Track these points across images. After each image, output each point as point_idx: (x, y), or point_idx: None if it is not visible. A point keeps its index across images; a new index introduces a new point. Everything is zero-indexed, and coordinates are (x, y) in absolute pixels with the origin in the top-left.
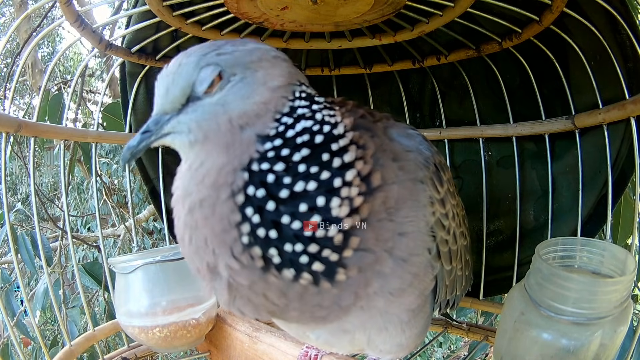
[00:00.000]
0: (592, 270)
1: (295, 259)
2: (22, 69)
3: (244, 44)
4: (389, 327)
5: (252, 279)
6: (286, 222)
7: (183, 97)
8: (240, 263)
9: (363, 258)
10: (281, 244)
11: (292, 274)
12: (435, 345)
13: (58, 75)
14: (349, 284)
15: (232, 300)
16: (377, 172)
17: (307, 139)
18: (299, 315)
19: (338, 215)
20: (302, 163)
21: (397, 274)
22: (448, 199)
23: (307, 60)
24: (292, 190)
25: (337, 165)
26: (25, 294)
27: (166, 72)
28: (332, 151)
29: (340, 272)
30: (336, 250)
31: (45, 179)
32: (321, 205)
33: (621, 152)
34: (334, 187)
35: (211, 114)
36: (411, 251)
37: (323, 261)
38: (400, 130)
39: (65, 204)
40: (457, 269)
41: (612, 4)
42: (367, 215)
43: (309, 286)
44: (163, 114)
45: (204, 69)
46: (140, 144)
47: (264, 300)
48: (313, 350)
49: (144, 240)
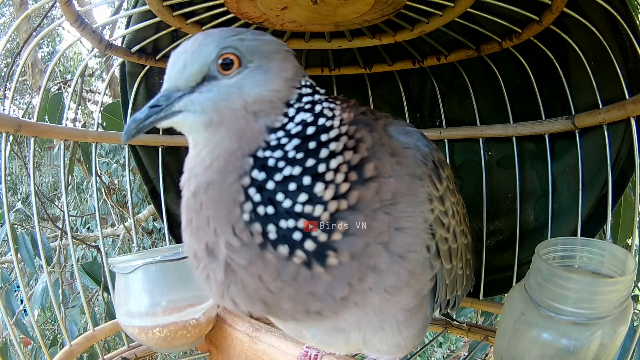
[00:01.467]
0: (592, 270)
1: (288, 235)
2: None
3: (262, 34)
4: (385, 327)
5: (250, 258)
6: (280, 199)
7: (200, 75)
8: (240, 240)
9: (354, 244)
10: (277, 220)
11: (286, 251)
12: (435, 346)
13: (58, 75)
14: (341, 272)
15: (226, 288)
16: (370, 163)
17: (300, 130)
18: (293, 307)
19: (322, 197)
20: (293, 150)
21: (393, 269)
22: (447, 196)
23: (307, 60)
24: (283, 175)
25: (323, 155)
26: (25, 294)
27: (184, 48)
28: (321, 141)
29: (331, 255)
30: (324, 230)
31: (45, 179)
32: (307, 184)
33: (621, 152)
34: (318, 172)
35: (227, 95)
36: (408, 247)
37: (314, 240)
38: (398, 128)
39: (65, 203)
40: (458, 268)
41: (612, 4)
42: (355, 202)
43: (302, 269)
44: (175, 90)
45: (225, 50)
46: (147, 119)
47: (259, 283)
48: (313, 350)
49: (143, 240)
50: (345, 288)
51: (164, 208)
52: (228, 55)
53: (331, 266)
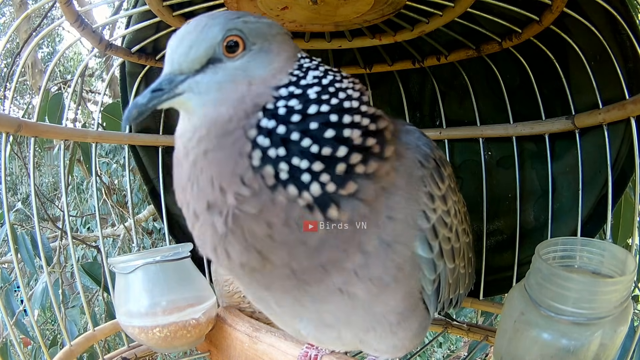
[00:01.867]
0: (592, 270)
1: (298, 175)
2: (22, 69)
3: (263, 17)
4: (377, 327)
5: (260, 204)
6: (295, 138)
7: (205, 57)
8: (250, 189)
9: (356, 208)
10: (289, 159)
11: (295, 191)
12: (435, 346)
13: (58, 75)
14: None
15: (222, 238)
16: (391, 145)
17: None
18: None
19: (350, 137)
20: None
21: (379, 256)
22: (449, 196)
23: None
24: (303, 114)
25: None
26: (25, 294)
27: (187, 30)
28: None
29: (332, 207)
30: (335, 181)
31: (45, 179)
32: (334, 120)
33: (621, 152)
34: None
35: (234, 77)
36: (396, 238)
37: (322, 186)
38: (399, 127)
39: (65, 204)
40: (460, 267)
41: (612, 4)
42: (372, 172)
43: (305, 212)
44: (179, 74)
45: (230, 32)
46: (150, 102)
47: (264, 229)
48: (313, 350)
49: (143, 240)
50: (333, 252)
51: (164, 208)
52: (233, 37)
53: (330, 219)
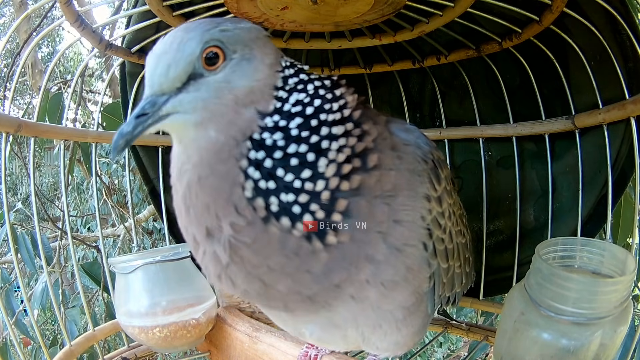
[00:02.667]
0: (592, 270)
1: (289, 207)
2: (22, 69)
3: (240, 21)
4: (384, 324)
5: (254, 234)
6: (280, 174)
7: (185, 75)
8: (244, 218)
9: (354, 226)
10: (278, 194)
11: (288, 223)
12: (435, 345)
13: (58, 75)
14: (340, 253)
15: (225, 267)
16: (374, 154)
17: (299, 110)
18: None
19: (324, 173)
20: (296, 129)
21: (390, 262)
22: (445, 198)
23: (307, 60)
24: (285, 152)
25: (325, 133)
26: (25, 294)
27: (163, 48)
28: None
29: (330, 233)
30: (324, 208)
31: (45, 179)
32: (311, 160)
33: (621, 152)
34: (321, 147)
35: (218, 91)
36: (406, 241)
37: (313, 215)
38: (399, 125)
39: (65, 204)
40: (455, 267)
41: (612, 4)
42: (358, 186)
43: (303, 243)
44: (160, 95)
45: (208, 44)
46: (135, 129)
47: (260, 259)
48: (313, 350)
49: (143, 240)
50: (342, 272)
51: (164, 208)
52: (212, 49)
53: (330, 244)
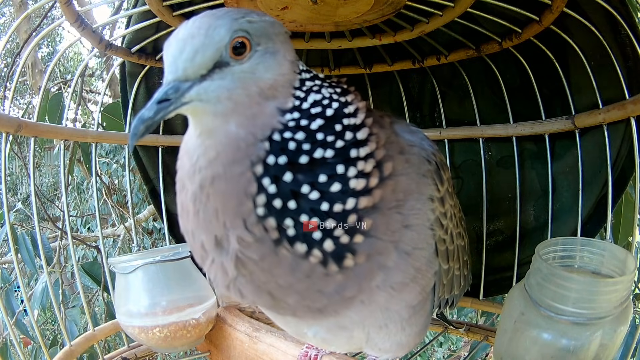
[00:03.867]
0: (592, 270)
1: (309, 233)
2: (22, 69)
3: (265, 15)
4: (389, 324)
5: (262, 253)
6: (306, 191)
7: (211, 62)
8: (253, 235)
9: (372, 245)
10: (297, 215)
11: (304, 249)
12: (436, 345)
13: (58, 75)
14: (355, 273)
15: (233, 279)
16: (389, 162)
17: (319, 111)
18: (298, 301)
19: (355, 188)
20: (320, 132)
21: (400, 267)
22: (447, 199)
23: (307, 60)
24: (311, 157)
25: (349, 138)
26: (25, 294)
27: (190, 32)
28: (345, 125)
29: (348, 257)
30: (348, 232)
31: (45, 179)
32: (340, 172)
33: (621, 152)
34: (350, 157)
35: (243, 82)
36: (415, 244)
37: (334, 240)
38: (403, 127)
39: (65, 204)
40: (455, 269)
41: (612, 4)
42: (379, 201)
43: (317, 267)
44: (184, 80)
45: (237, 34)
46: (157, 115)
47: (269, 277)
48: (313, 350)
49: (143, 240)
50: (355, 288)
51: (164, 208)
52: (240, 38)
53: (347, 267)
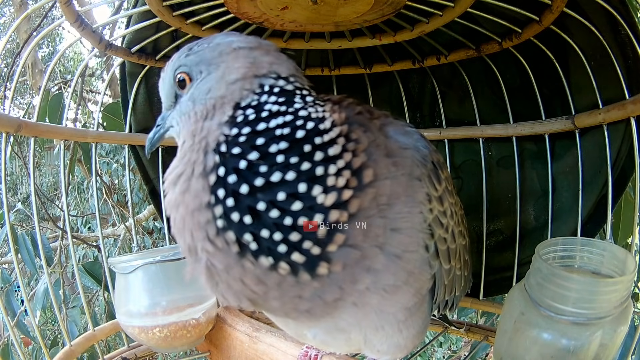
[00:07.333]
0: (592, 270)
1: (273, 247)
2: (22, 69)
3: (212, 40)
4: (386, 326)
5: (227, 263)
6: (262, 208)
7: (172, 96)
8: (215, 246)
9: (348, 254)
10: (257, 230)
11: (269, 263)
12: (436, 345)
13: (58, 75)
14: (332, 279)
15: (214, 285)
16: (369, 169)
17: (287, 132)
18: (281, 305)
19: (323, 203)
20: (281, 154)
21: (390, 270)
22: (446, 197)
23: (307, 60)
24: (268, 180)
25: (319, 158)
26: (26, 294)
27: (162, 74)
28: (316, 144)
29: (322, 265)
30: (319, 243)
31: (46, 179)
32: (302, 191)
33: (621, 152)
34: (316, 175)
35: (186, 108)
36: (405, 247)
37: (303, 253)
38: (397, 128)
39: (65, 203)
40: (456, 269)
41: (612, 4)
42: (356, 211)
43: (287, 277)
44: (167, 110)
45: (177, 71)
46: (154, 136)
47: (242, 286)
48: (313, 350)
49: (144, 240)
50: (336, 291)
51: (164, 208)
52: (180, 74)
53: (321, 275)
